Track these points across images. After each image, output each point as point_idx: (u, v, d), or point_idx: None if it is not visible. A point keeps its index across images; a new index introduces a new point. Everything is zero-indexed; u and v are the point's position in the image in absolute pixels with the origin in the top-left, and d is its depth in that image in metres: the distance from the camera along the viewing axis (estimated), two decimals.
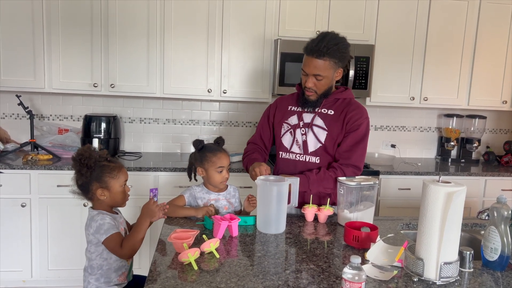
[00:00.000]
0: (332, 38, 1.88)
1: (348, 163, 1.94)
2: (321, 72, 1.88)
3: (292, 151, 2.04)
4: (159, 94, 3.15)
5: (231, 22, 3.12)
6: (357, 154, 1.96)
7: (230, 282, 1.24)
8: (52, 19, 2.95)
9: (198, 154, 1.93)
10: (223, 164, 1.90)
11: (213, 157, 1.89)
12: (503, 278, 1.36)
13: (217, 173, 1.89)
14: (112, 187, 1.69)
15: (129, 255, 1.64)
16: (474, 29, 3.41)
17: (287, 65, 3.13)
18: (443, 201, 1.24)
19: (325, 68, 1.88)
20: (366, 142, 1.99)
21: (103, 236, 1.61)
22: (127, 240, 1.63)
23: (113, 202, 1.72)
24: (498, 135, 3.99)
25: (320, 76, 1.89)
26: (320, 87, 1.93)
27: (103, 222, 1.63)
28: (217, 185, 1.93)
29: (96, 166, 1.67)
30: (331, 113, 1.99)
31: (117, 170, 1.71)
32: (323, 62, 1.87)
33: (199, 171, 1.93)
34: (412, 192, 3.20)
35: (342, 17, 3.22)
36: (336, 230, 1.77)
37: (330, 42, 1.85)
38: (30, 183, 2.79)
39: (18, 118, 3.33)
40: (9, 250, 2.83)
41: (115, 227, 1.65)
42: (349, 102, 2.00)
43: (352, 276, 1.13)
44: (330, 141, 1.97)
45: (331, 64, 1.88)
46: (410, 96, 3.42)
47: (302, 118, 2.02)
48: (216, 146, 1.96)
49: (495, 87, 3.52)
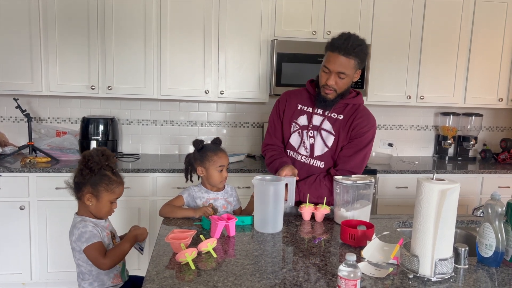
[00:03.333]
0: (357, 38, 1.87)
1: (346, 168, 1.95)
2: (346, 70, 1.86)
3: (298, 151, 2.03)
4: (156, 95, 3.16)
5: (228, 23, 3.13)
6: (357, 161, 1.96)
7: (228, 282, 1.25)
8: (49, 22, 2.96)
9: (198, 154, 1.95)
10: (223, 163, 1.93)
11: (214, 156, 1.92)
12: (498, 274, 1.37)
13: (217, 172, 1.92)
14: (101, 198, 1.66)
15: (110, 265, 1.62)
16: (469, 27, 3.43)
17: (284, 65, 3.14)
18: (437, 199, 1.26)
19: (350, 67, 1.86)
20: (369, 149, 1.98)
21: (84, 244, 1.60)
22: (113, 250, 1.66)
23: (96, 212, 1.69)
24: (495, 132, 4.01)
25: (343, 75, 1.87)
26: (341, 86, 1.91)
27: (85, 230, 1.62)
28: (216, 184, 1.95)
29: (99, 172, 1.66)
30: (340, 118, 1.98)
31: (115, 185, 1.69)
32: (349, 60, 1.85)
33: (199, 170, 1.94)
34: (409, 191, 3.22)
35: (338, 17, 3.24)
36: (332, 229, 1.78)
37: (356, 42, 1.84)
38: (28, 186, 2.79)
39: (16, 121, 3.34)
40: (9, 253, 2.84)
41: (96, 236, 1.63)
42: (358, 108, 1.99)
43: (348, 274, 1.14)
44: (336, 147, 1.98)
45: (355, 64, 1.87)
46: (406, 95, 3.43)
47: (312, 120, 2.00)
48: (216, 146, 1.98)
49: (491, 85, 3.53)
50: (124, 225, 2.83)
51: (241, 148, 3.65)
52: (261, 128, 3.63)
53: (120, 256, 1.66)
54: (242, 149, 3.64)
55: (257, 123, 3.63)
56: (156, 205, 2.94)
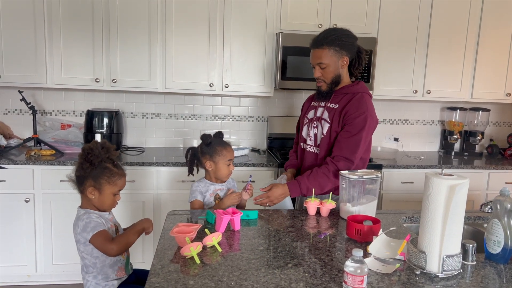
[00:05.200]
0: (332, 29, 2.05)
1: (339, 155, 1.96)
2: (322, 60, 2.00)
3: (307, 143, 2.15)
4: (161, 89, 3.14)
5: (233, 16, 3.10)
6: (350, 146, 1.95)
7: (233, 276, 1.24)
8: (53, 14, 2.94)
9: (207, 148, 1.98)
10: (232, 157, 2.01)
11: (223, 150, 1.98)
12: (506, 271, 1.36)
13: (226, 166, 1.98)
14: (104, 191, 1.66)
15: (118, 250, 1.62)
16: (477, 21, 3.38)
17: (289, 58, 3.11)
18: (445, 194, 1.24)
19: (325, 56, 1.99)
20: (362, 135, 1.95)
21: (90, 234, 1.60)
22: (121, 236, 1.67)
23: (99, 205, 1.69)
24: (502, 128, 3.97)
25: (323, 64, 2.00)
26: (326, 75, 2.02)
27: (89, 221, 1.62)
28: (223, 178, 2.01)
29: (100, 165, 1.65)
30: (336, 107, 2.03)
31: (117, 177, 1.68)
32: (322, 50, 1.99)
33: (208, 164, 1.98)
34: (415, 186, 3.19)
35: (344, 10, 3.20)
36: (338, 224, 1.77)
37: (329, 33, 2.00)
38: (33, 179, 2.80)
39: (20, 113, 3.34)
40: (14, 245, 2.85)
41: (101, 224, 1.64)
42: (354, 97, 2.01)
43: (354, 269, 1.13)
44: (331, 133, 2.02)
45: (331, 52, 1.98)
46: (413, 89, 3.40)
47: (316, 112, 2.12)
48: (222, 140, 2.04)
49: (499, 80, 3.49)
50: (128, 219, 2.84)
51: (246, 142, 3.63)
52: (265, 122, 3.61)
53: (127, 244, 1.66)
54: (246, 143, 3.63)
55: (262, 117, 3.61)
56: (160, 199, 2.94)
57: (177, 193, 2.94)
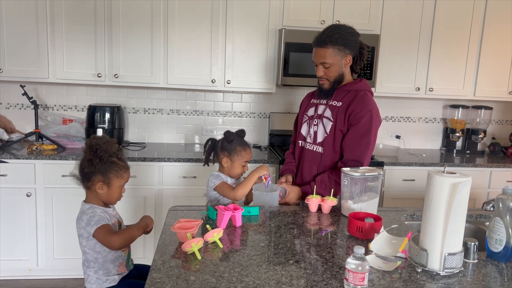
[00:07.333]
0: (335, 27, 1.98)
1: (352, 158, 1.96)
2: (326, 59, 1.96)
3: (307, 140, 2.13)
4: (162, 84, 3.14)
5: (235, 11, 3.09)
6: (361, 149, 1.95)
7: (234, 272, 1.24)
8: (55, 9, 2.94)
9: (227, 145, 2.01)
10: (249, 159, 2.04)
11: (242, 151, 2.01)
12: (508, 269, 1.36)
13: (241, 166, 2.02)
14: (112, 184, 1.68)
15: (120, 243, 1.61)
16: (481, 18, 3.36)
17: (292, 55, 3.10)
18: (448, 192, 1.23)
19: (329, 55, 1.95)
20: (371, 135, 1.95)
21: (94, 227, 1.60)
22: (125, 230, 1.68)
23: (107, 199, 1.70)
24: (504, 126, 3.96)
25: (326, 64, 1.97)
26: (330, 74, 2.00)
27: (93, 215, 1.63)
28: (236, 177, 2.05)
29: (107, 160, 1.67)
30: (339, 105, 2.01)
31: (124, 170, 1.71)
32: (326, 50, 1.95)
33: (224, 160, 2.01)
34: (416, 183, 3.19)
35: (347, 6, 3.18)
36: (339, 221, 1.76)
37: (333, 31, 1.95)
38: (35, 173, 2.80)
39: (22, 108, 3.34)
40: (15, 239, 2.86)
41: (105, 219, 1.64)
42: (357, 95, 1.99)
43: (356, 267, 1.13)
44: (335, 132, 2.00)
45: (335, 51, 1.95)
46: (415, 87, 3.39)
47: (317, 110, 2.10)
48: (244, 140, 2.07)
49: (502, 78, 3.48)
50: (129, 214, 2.84)
51: (247, 139, 3.59)
52: (267, 119, 3.60)
53: (129, 239, 1.65)
54: (248, 139, 3.60)
55: (264, 114, 3.61)
56: (162, 194, 2.94)
57: (178, 189, 2.94)
